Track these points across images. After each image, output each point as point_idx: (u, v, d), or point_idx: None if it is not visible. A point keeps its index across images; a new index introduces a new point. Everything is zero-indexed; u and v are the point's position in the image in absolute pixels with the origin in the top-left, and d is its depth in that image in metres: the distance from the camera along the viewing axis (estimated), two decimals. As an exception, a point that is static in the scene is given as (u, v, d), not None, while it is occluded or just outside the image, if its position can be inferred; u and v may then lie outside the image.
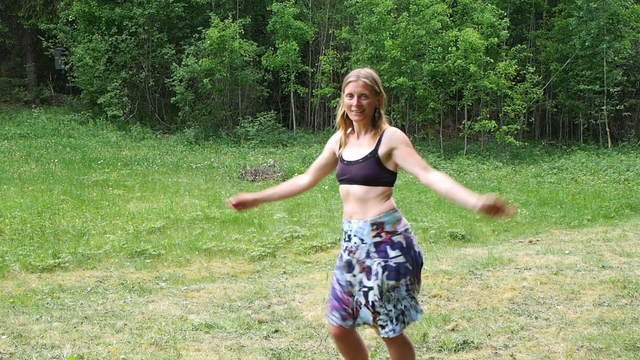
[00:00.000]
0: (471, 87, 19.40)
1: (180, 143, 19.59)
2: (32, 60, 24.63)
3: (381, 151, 2.92)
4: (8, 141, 17.28)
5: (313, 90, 22.33)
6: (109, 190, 10.41)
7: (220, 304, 5.11)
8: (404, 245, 2.93)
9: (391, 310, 2.92)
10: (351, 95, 2.97)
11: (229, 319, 4.66)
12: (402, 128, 19.63)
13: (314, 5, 23.86)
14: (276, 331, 4.41)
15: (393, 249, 2.91)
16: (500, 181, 15.42)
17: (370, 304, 2.92)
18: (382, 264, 2.90)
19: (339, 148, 3.10)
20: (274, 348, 4.06)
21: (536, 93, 19.99)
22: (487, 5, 19.87)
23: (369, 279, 2.92)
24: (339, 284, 3.03)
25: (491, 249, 7.18)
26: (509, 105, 19.66)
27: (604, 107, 20.10)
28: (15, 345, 4.03)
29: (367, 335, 4.26)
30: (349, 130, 3.09)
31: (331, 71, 21.83)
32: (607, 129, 20.14)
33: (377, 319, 2.93)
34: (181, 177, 13.03)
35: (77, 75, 21.56)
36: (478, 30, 18.99)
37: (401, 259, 2.91)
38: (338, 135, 3.16)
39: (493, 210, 2.63)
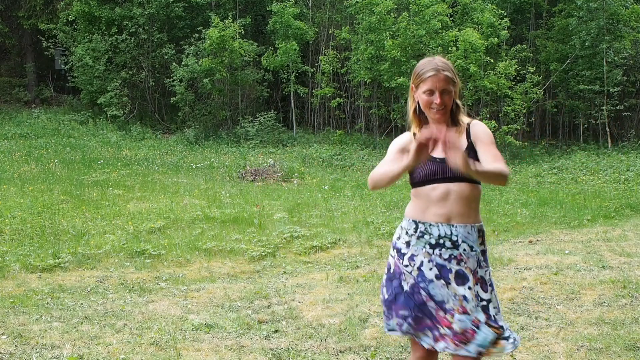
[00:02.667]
0: (471, 87, 19.40)
1: (180, 143, 19.60)
2: (32, 60, 24.63)
3: (474, 145, 2.64)
4: (8, 141, 17.29)
5: (313, 90, 22.33)
6: (109, 190, 10.41)
7: (220, 304, 5.11)
8: None
9: (505, 326, 2.64)
10: (431, 92, 2.62)
11: (229, 319, 4.66)
12: (402, 128, 19.63)
13: (314, 5, 23.86)
14: (276, 331, 4.41)
15: (487, 259, 2.71)
16: (500, 181, 15.40)
17: (493, 318, 2.58)
18: (490, 273, 2.67)
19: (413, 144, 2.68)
20: (274, 348, 4.06)
21: (536, 93, 19.99)
22: (487, 5, 19.87)
23: (485, 290, 2.61)
24: (434, 300, 2.59)
25: (491, 249, 7.18)
26: (509, 105, 19.66)
27: (604, 107, 20.09)
28: (15, 345, 4.03)
29: (367, 335, 4.26)
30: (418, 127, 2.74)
31: (331, 71, 21.83)
32: (607, 129, 20.14)
33: (502, 336, 2.58)
34: (181, 177, 13.03)
35: (77, 75, 21.57)
36: (478, 30, 19.00)
37: (490, 270, 2.73)
38: (405, 136, 2.77)
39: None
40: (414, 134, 2.72)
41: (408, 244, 2.66)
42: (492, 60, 19.15)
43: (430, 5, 19.02)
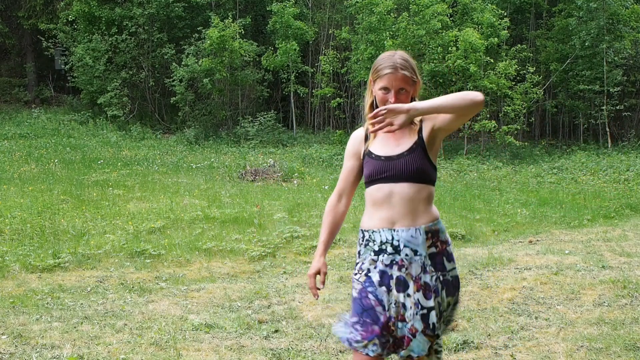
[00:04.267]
0: (471, 87, 19.38)
1: (180, 143, 19.60)
2: (32, 60, 24.62)
3: (425, 136, 2.52)
4: (8, 141, 17.28)
5: (313, 90, 22.33)
6: (109, 190, 10.40)
7: (220, 304, 5.11)
8: (454, 255, 2.60)
9: (444, 331, 2.57)
10: (387, 90, 2.51)
11: (229, 319, 4.66)
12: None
13: (314, 5, 23.87)
14: (276, 331, 4.41)
15: (448, 260, 2.54)
16: (500, 181, 15.42)
17: (431, 327, 2.47)
18: (441, 278, 2.50)
19: (365, 143, 2.64)
20: (274, 348, 4.06)
21: (536, 93, 19.99)
22: (487, 5, 19.86)
23: (427, 297, 2.47)
24: (382, 305, 2.48)
25: (491, 249, 7.18)
26: (509, 105, 19.66)
27: (604, 107, 20.09)
28: (15, 345, 4.02)
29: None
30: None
31: (331, 71, 21.83)
32: (607, 129, 20.13)
33: (435, 343, 2.50)
34: (181, 177, 13.03)
35: (77, 75, 21.57)
36: (478, 30, 18.99)
37: (455, 272, 2.57)
38: (359, 132, 2.70)
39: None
40: (367, 130, 2.64)
41: (359, 253, 2.61)
42: (492, 60, 19.15)
43: (430, 5, 19.02)
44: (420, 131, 2.53)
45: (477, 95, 2.40)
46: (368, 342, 2.48)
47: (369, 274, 2.53)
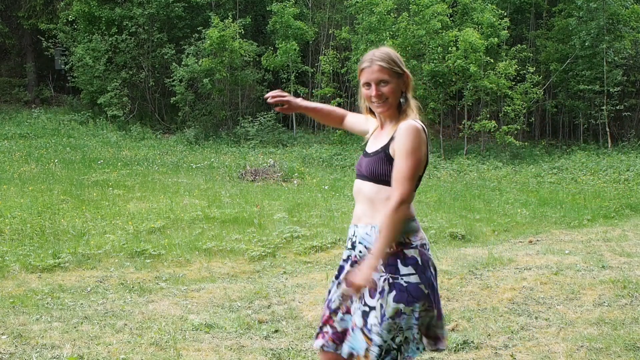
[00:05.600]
0: (471, 87, 19.40)
1: (180, 143, 19.60)
2: (32, 60, 24.62)
3: (392, 146, 2.44)
4: (8, 141, 17.28)
5: (313, 90, 22.33)
6: (109, 190, 10.40)
7: (220, 304, 5.11)
8: (419, 262, 2.40)
9: (386, 342, 2.36)
10: (368, 85, 2.47)
11: (229, 319, 4.66)
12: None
13: (314, 5, 23.87)
14: (276, 331, 4.41)
15: (405, 264, 2.39)
16: (500, 181, 15.42)
17: (368, 327, 2.38)
18: (390, 280, 2.38)
19: (370, 130, 2.67)
20: (274, 348, 4.06)
21: (536, 93, 20.00)
22: (487, 5, 19.87)
23: (372, 296, 2.39)
24: (329, 298, 2.59)
25: (491, 249, 7.18)
26: (509, 105, 19.66)
27: (604, 107, 20.09)
28: (15, 345, 4.02)
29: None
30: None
31: (331, 71, 21.83)
32: (607, 129, 20.14)
33: (369, 348, 2.38)
34: (181, 177, 13.03)
35: (77, 75, 21.57)
36: (478, 30, 19.00)
37: (414, 279, 2.38)
38: (373, 122, 2.69)
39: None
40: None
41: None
42: (492, 60, 19.15)
43: (430, 5, 19.02)
44: (392, 138, 2.45)
45: (396, 219, 2.32)
46: (317, 333, 2.60)
47: (337, 270, 2.64)
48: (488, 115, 19.68)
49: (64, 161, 14.14)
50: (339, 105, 21.69)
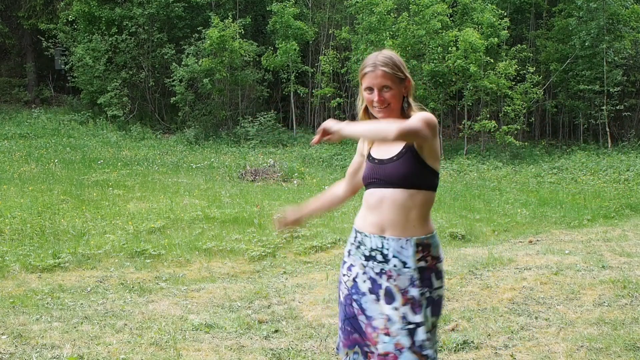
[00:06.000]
0: (471, 87, 19.40)
1: (180, 143, 19.60)
2: (32, 60, 24.62)
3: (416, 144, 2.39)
4: (8, 141, 17.28)
5: (313, 90, 22.33)
6: (109, 190, 10.40)
7: (220, 304, 5.11)
8: (444, 274, 2.44)
9: (432, 357, 2.34)
10: (370, 89, 2.42)
11: (229, 319, 4.66)
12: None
13: (314, 5, 23.87)
14: (276, 331, 4.41)
15: (437, 278, 2.39)
16: (500, 181, 15.42)
17: (418, 344, 2.30)
18: (427, 294, 2.35)
19: (367, 145, 2.58)
20: (274, 348, 4.06)
21: (536, 93, 19.99)
22: (487, 5, 19.87)
23: (415, 312, 2.32)
24: (365, 314, 2.39)
25: (491, 249, 7.18)
26: (509, 105, 19.66)
27: (604, 107, 20.09)
28: (15, 345, 4.02)
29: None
30: None
31: (331, 71, 21.83)
32: (607, 129, 20.14)
33: None
34: (181, 177, 13.03)
35: (77, 75, 21.57)
36: (478, 30, 19.00)
37: (442, 292, 2.41)
38: None
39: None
40: None
41: (349, 252, 2.51)
42: (492, 60, 19.15)
43: (430, 5, 19.02)
44: None
45: (390, 132, 2.22)
46: (349, 350, 2.43)
47: (356, 280, 2.44)
48: (488, 115, 19.68)
49: (64, 161, 14.14)
50: (338, 105, 21.72)
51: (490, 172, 16.84)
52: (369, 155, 2.50)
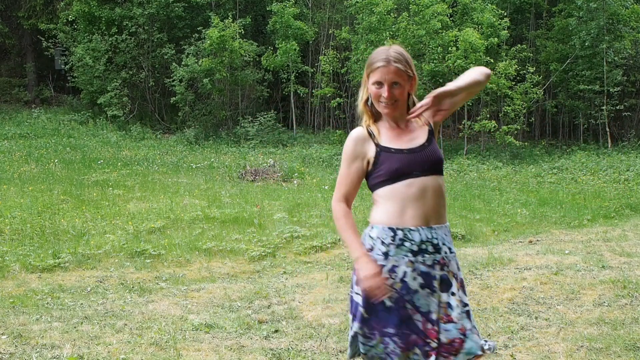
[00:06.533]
0: (471, 87, 19.37)
1: (180, 143, 19.59)
2: (32, 60, 24.62)
3: (433, 126, 2.51)
4: (8, 141, 17.28)
5: (313, 90, 22.33)
6: (109, 190, 10.40)
7: (220, 304, 5.11)
8: None
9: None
10: (380, 84, 2.39)
11: (229, 319, 4.66)
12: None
13: (314, 5, 23.86)
14: (276, 331, 4.41)
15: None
16: (500, 181, 15.42)
17: (474, 324, 2.38)
18: (460, 277, 2.46)
19: (372, 140, 2.45)
20: (274, 348, 4.06)
21: (536, 93, 19.99)
22: (487, 5, 19.86)
23: (466, 294, 2.43)
24: (420, 312, 2.35)
25: (491, 249, 7.18)
26: (509, 105, 19.66)
27: (604, 107, 20.09)
28: (15, 345, 4.02)
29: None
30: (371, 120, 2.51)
31: (331, 71, 21.83)
32: (607, 129, 20.13)
33: (482, 343, 2.38)
34: (181, 177, 13.03)
35: (77, 75, 21.57)
36: (478, 30, 18.99)
37: (462, 274, 2.53)
38: (360, 132, 2.48)
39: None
40: (368, 127, 2.48)
41: (386, 254, 2.37)
42: (492, 60, 19.14)
43: (430, 5, 19.02)
44: (429, 123, 2.52)
45: (487, 70, 2.50)
46: (409, 351, 2.36)
47: (405, 279, 2.35)
48: (488, 115, 19.67)
49: (64, 161, 14.14)
50: (338, 105, 21.72)
51: (490, 172, 16.83)
52: (385, 147, 2.41)
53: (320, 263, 6.82)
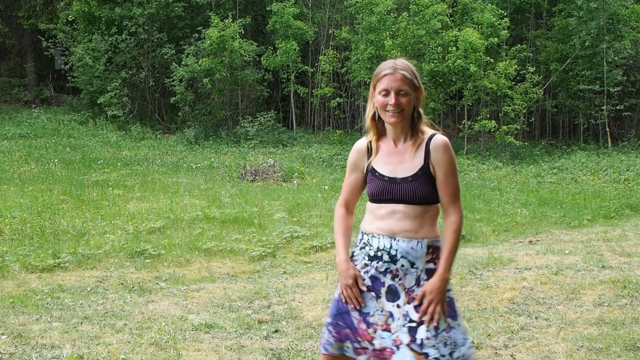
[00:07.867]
0: (471, 87, 19.39)
1: (180, 143, 19.59)
2: (32, 60, 24.63)
3: (431, 165, 2.47)
4: (8, 141, 17.28)
5: (313, 90, 22.33)
6: (109, 190, 10.40)
7: (220, 304, 5.11)
8: (449, 280, 2.52)
9: (444, 356, 2.36)
10: (387, 92, 2.45)
11: (229, 319, 4.66)
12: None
13: (314, 5, 23.86)
14: (276, 331, 4.41)
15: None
16: (500, 181, 15.42)
17: (418, 342, 2.37)
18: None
19: (369, 157, 2.57)
20: (274, 348, 4.06)
21: (536, 93, 19.98)
22: (487, 5, 19.86)
23: (417, 311, 2.41)
24: (359, 311, 2.49)
25: (491, 249, 7.18)
26: (509, 105, 19.66)
27: (604, 107, 20.09)
28: (15, 345, 4.02)
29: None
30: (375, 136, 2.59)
31: (331, 71, 21.83)
32: (607, 129, 20.13)
33: None
34: (181, 177, 13.03)
35: (77, 75, 21.57)
36: (478, 30, 18.99)
37: (451, 294, 2.47)
38: (361, 144, 2.61)
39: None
40: (370, 143, 2.57)
41: (352, 254, 2.58)
42: (492, 60, 19.15)
43: (430, 5, 19.02)
44: (427, 156, 2.47)
45: (458, 225, 2.51)
46: (342, 343, 2.53)
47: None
48: (488, 115, 19.67)
49: (64, 161, 14.14)
50: (338, 105, 21.71)
51: (490, 172, 16.83)
52: (374, 170, 2.53)
53: (320, 263, 6.82)
